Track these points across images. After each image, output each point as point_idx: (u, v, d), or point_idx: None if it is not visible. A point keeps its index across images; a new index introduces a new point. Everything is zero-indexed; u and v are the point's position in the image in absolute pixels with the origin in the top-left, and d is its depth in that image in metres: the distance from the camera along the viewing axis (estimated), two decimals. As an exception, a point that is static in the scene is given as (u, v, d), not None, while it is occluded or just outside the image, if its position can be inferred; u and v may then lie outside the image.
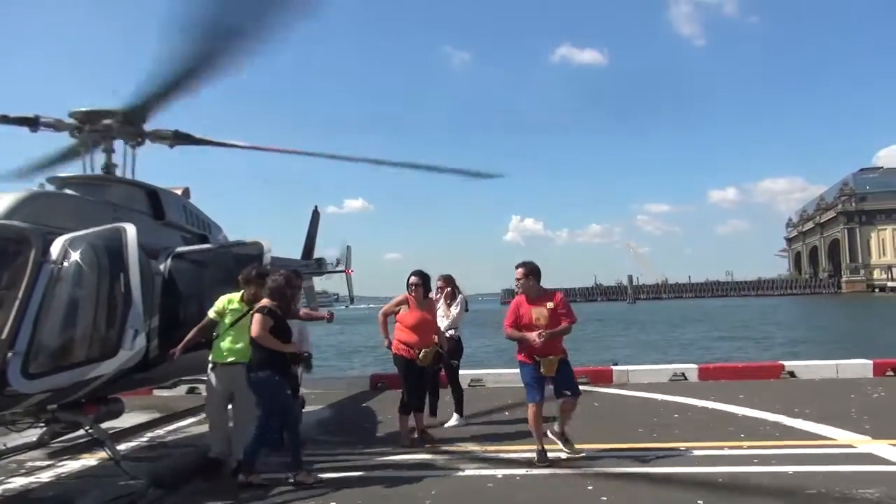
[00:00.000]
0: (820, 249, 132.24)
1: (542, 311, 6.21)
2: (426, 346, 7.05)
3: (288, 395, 5.85)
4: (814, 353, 22.37)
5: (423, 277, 7.28)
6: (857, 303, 79.99)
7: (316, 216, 18.28)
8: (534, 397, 6.22)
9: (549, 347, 6.13)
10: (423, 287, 7.24)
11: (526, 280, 6.34)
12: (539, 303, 6.27)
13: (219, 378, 6.11)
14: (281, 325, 5.79)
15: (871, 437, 6.51)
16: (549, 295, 6.37)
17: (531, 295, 6.34)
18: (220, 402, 6.19)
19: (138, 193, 7.21)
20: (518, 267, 6.41)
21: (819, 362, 11.10)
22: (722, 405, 8.38)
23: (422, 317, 7.14)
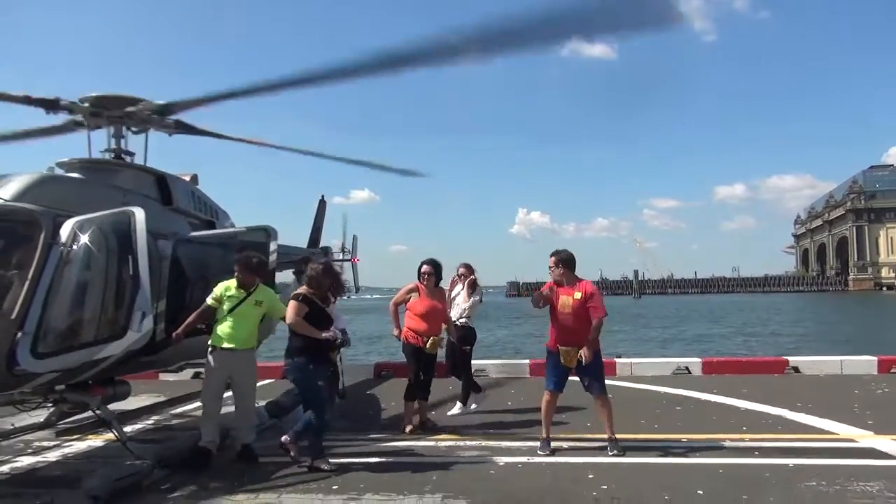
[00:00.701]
0: (828, 247, 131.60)
1: (569, 300, 6.18)
2: (434, 334, 7.19)
3: (318, 383, 5.85)
4: (819, 349, 22.34)
5: (435, 266, 7.36)
6: (864, 300, 79.63)
7: (322, 205, 18.26)
8: (547, 384, 6.34)
9: (573, 338, 6.14)
10: (434, 276, 7.33)
11: (557, 268, 6.30)
12: (569, 291, 6.25)
13: (216, 363, 6.06)
14: (317, 313, 5.84)
15: (874, 433, 6.53)
16: (579, 285, 6.31)
17: (564, 283, 6.31)
18: (216, 388, 6.14)
19: (147, 179, 7.25)
20: (552, 256, 6.39)
21: (823, 358, 11.10)
22: (725, 398, 8.39)
23: (432, 305, 7.24)
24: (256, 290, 6.18)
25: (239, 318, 6.04)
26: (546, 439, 6.21)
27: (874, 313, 55.28)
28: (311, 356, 5.77)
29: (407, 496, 5.00)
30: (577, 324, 6.16)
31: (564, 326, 6.21)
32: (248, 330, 6.11)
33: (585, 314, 6.16)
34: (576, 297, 6.18)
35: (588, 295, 6.19)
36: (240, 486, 5.35)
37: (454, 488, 5.15)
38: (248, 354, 6.14)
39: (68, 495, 5.13)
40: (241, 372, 6.10)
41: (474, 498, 4.94)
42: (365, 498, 5.00)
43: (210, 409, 6.11)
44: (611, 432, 6.13)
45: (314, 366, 5.78)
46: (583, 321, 6.16)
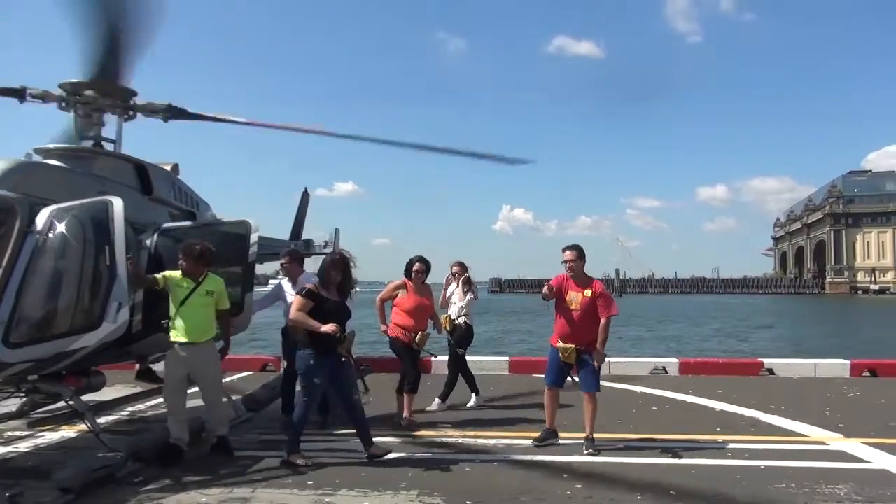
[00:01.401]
0: (806, 250, 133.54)
1: (578, 297, 6.20)
2: (422, 329, 7.30)
3: (315, 380, 5.77)
4: (793, 351, 22.66)
5: (426, 264, 7.41)
6: (839, 304, 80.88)
7: (306, 198, 18.15)
8: (546, 380, 6.49)
9: (575, 336, 6.20)
10: (425, 273, 7.39)
11: (578, 262, 6.32)
12: (578, 288, 6.26)
13: (174, 359, 5.90)
14: (326, 306, 5.76)
15: (844, 436, 6.64)
16: (589, 282, 6.33)
17: (575, 279, 6.32)
18: (176, 385, 5.94)
19: (126, 167, 7.16)
20: (568, 249, 6.37)
21: (798, 361, 11.27)
22: (700, 399, 8.50)
23: (420, 302, 7.31)
24: (206, 279, 5.97)
25: (190, 309, 5.84)
26: (548, 429, 6.40)
27: (849, 317, 56.18)
28: (314, 350, 5.71)
29: (382, 493, 5.00)
30: (582, 321, 6.18)
31: (569, 323, 6.22)
32: (203, 322, 5.90)
33: (592, 312, 6.18)
34: (586, 294, 6.20)
35: (598, 293, 6.22)
36: (214, 479, 5.32)
37: (429, 485, 5.16)
38: (205, 347, 5.94)
39: (39, 487, 5.06)
40: (200, 365, 5.92)
41: (449, 495, 4.95)
42: (339, 494, 4.99)
43: (173, 407, 5.94)
44: (590, 431, 6.18)
45: (316, 360, 5.71)
46: (588, 319, 6.18)
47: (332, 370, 5.80)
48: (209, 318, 6.00)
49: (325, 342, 5.66)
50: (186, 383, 6.01)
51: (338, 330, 5.62)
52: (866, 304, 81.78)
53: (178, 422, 5.93)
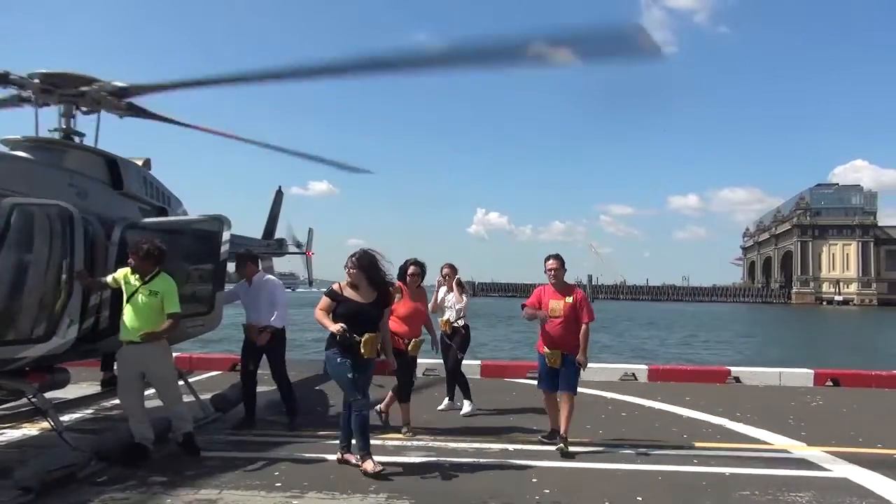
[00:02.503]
0: (773, 260, 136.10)
1: (560, 304, 6.39)
2: (416, 336, 7.07)
3: (349, 375, 5.58)
4: (759, 359, 23.06)
5: (422, 267, 7.20)
6: (804, 314, 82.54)
7: (279, 196, 18.12)
8: (541, 385, 6.66)
9: (560, 342, 6.36)
10: (420, 277, 7.18)
11: (561, 270, 6.51)
12: (560, 296, 6.44)
13: (125, 359, 5.81)
14: (350, 307, 5.63)
15: (806, 444, 6.77)
16: (570, 290, 6.52)
17: (557, 287, 6.50)
18: (130, 385, 5.82)
19: (96, 161, 7.03)
20: (552, 258, 6.54)
21: (763, 369, 11.45)
22: (668, 406, 8.60)
23: (414, 307, 7.05)
24: (154, 279, 5.82)
25: (134, 308, 5.72)
26: (554, 429, 6.56)
27: (813, 327, 57.36)
28: (336, 348, 5.60)
29: (351, 495, 4.98)
30: (565, 328, 6.35)
31: (553, 329, 6.38)
32: (146, 321, 5.73)
33: (574, 318, 6.37)
34: (567, 301, 6.39)
35: (580, 300, 6.44)
36: (180, 480, 5.25)
37: (399, 488, 5.15)
38: (153, 346, 5.77)
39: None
40: (150, 363, 5.80)
41: (418, 498, 4.95)
42: (308, 496, 4.96)
43: (129, 407, 5.83)
44: (565, 429, 6.29)
45: (342, 358, 5.57)
46: (571, 325, 6.37)
47: (354, 371, 5.63)
48: (154, 318, 5.77)
49: (344, 343, 5.50)
50: (140, 382, 5.88)
51: (342, 331, 5.43)
52: (830, 315, 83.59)
53: (139, 422, 5.82)
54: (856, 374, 11.04)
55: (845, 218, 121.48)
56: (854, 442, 6.86)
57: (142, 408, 5.89)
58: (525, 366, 10.99)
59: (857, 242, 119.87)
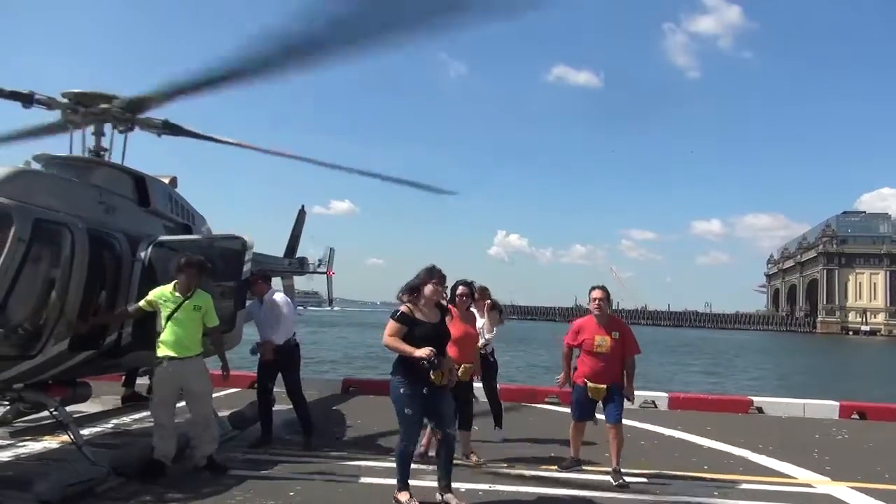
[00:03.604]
0: (798, 288, 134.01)
1: (606, 340, 6.22)
2: (467, 361, 6.58)
3: (406, 410, 5.14)
4: (783, 390, 22.62)
5: (471, 288, 6.81)
6: (830, 343, 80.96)
7: (302, 215, 18.30)
8: (574, 414, 6.48)
9: (605, 377, 6.24)
10: (469, 298, 6.79)
11: (605, 303, 6.34)
12: (605, 330, 6.28)
13: (163, 374, 5.86)
14: (421, 329, 5.18)
15: (831, 479, 6.61)
16: (616, 323, 6.37)
17: (600, 320, 6.34)
18: (166, 400, 5.90)
19: (125, 178, 7.18)
20: (598, 289, 6.39)
21: (787, 400, 11.24)
22: (689, 435, 8.45)
23: (465, 330, 6.60)
24: (194, 294, 5.97)
25: (178, 324, 5.83)
26: (574, 458, 6.57)
27: (839, 357, 56.22)
28: (404, 376, 5.17)
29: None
30: (611, 362, 6.25)
31: (598, 364, 6.26)
32: (191, 336, 5.89)
33: (620, 352, 6.27)
34: (614, 336, 6.25)
35: (626, 334, 6.34)
36: (196, 497, 5.26)
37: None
38: (193, 362, 5.92)
39: (17, 497, 4.99)
40: (188, 380, 5.89)
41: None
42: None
43: (162, 422, 5.87)
44: (617, 462, 6.19)
45: (405, 388, 5.14)
46: (617, 359, 6.28)
47: (429, 399, 5.19)
48: (196, 333, 5.96)
49: (417, 368, 5.06)
50: (175, 398, 5.96)
51: (432, 355, 4.96)
52: (857, 345, 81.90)
53: (166, 437, 5.86)
54: (883, 408, 10.79)
55: (873, 246, 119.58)
56: (880, 478, 6.67)
57: (173, 423, 5.95)
58: (543, 391, 10.90)
59: (885, 272, 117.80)
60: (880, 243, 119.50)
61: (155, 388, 6.07)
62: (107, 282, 6.13)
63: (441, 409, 5.29)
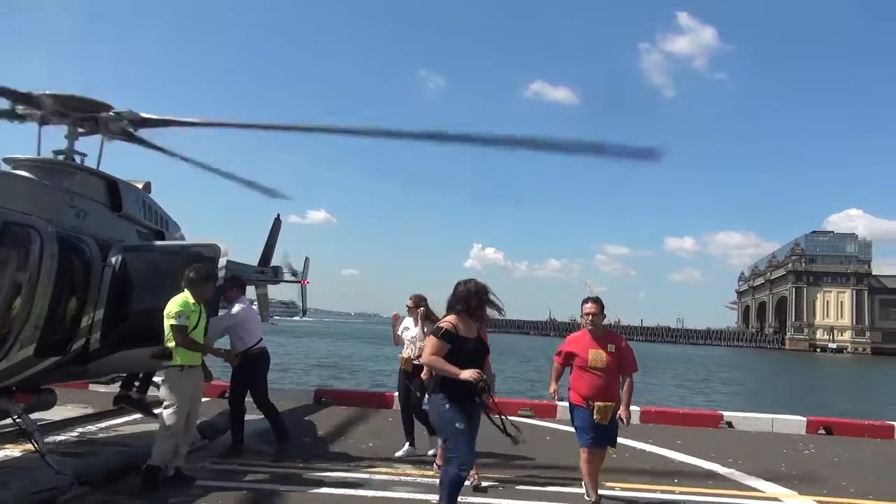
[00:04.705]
0: (768, 305, 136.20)
1: (601, 355, 5.75)
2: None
3: (457, 425, 4.71)
4: (752, 405, 22.90)
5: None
6: (798, 360, 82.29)
7: (277, 224, 18.10)
8: (583, 442, 5.86)
9: (608, 394, 5.73)
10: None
11: (598, 317, 5.86)
12: (600, 344, 5.81)
13: (188, 382, 5.87)
14: (463, 347, 4.82)
15: (798, 493, 6.69)
16: (611, 337, 5.93)
17: (594, 333, 5.88)
18: (185, 407, 5.87)
19: (97, 182, 7.07)
20: (591, 302, 5.91)
21: (756, 415, 11.37)
22: (660, 449, 8.51)
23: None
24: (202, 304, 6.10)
25: (200, 334, 5.99)
26: (596, 501, 5.88)
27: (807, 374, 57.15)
28: (449, 394, 4.77)
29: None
30: (609, 378, 5.78)
31: (597, 380, 5.74)
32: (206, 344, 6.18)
33: (617, 368, 5.82)
34: (609, 349, 5.79)
35: (623, 348, 5.90)
36: (162, 508, 5.17)
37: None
38: (200, 370, 6.11)
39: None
40: (199, 387, 6.14)
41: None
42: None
43: (179, 429, 5.81)
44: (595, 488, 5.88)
45: (451, 404, 4.75)
46: (615, 375, 5.83)
47: (472, 419, 4.85)
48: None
49: (464, 389, 4.70)
50: (188, 405, 5.95)
51: (480, 378, 4.63)
52: (824, 362, 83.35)
53: (178, 446, 5.86)
54: (849, 423, 10.97)
55: (840, 266, 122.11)
56: (846, 493, 6.78)
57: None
58: (516, 403, 10.91)
59: (851, 290, 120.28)
60: (847, 263, 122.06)
61: (174, 395, 5.83)
62: (76, 287, 6.01)
63: (475, 429, 4.91)
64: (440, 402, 4.80)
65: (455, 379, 4.64)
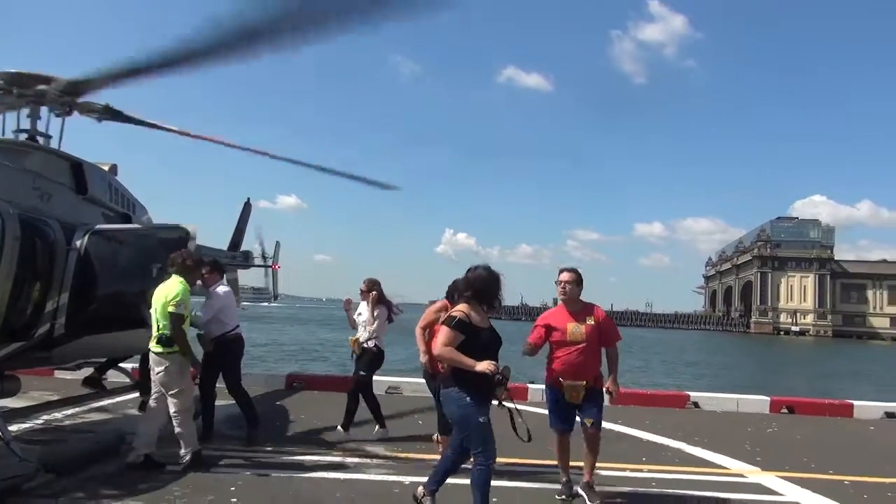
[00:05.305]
0: (734, 290, 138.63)
1: (580, 329, 5.40)
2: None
3: (480, 419, 4.50)
4: (718, 386, 23.39)
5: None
6: (762, 343, 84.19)
7: (247, 208, 17.92)
8: (554, 423, 5.66)
9: (582, 372, 5.41)
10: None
11: (574, 287, 5.51)
12: (578, 317, 5.47)
13: (184, 367, 5.98)
14: (478, 338, 4.62)
15: (761, 469, 6.89)
16: (589, 309, 5.56)
17: (570, 307, 5.56)
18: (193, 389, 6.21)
19: (61, 164, 6.90)
20: (566, 271, 5.55)
21: (722, 395, 11.62)
22: (628, 429, 8.66)
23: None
24: None
25: (189, 323, 6.10)
26: (568, 482, 5.71)
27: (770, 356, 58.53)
28: (468, 387, 4.54)
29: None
30: (587, 355, 5.43)
31: (573, 357, 5.41)
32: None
33: (597, 342, 5.48)
34: (588, 322, 5.45)
35: (603, 319, 5.55)
36: (131, 494, 5.12)
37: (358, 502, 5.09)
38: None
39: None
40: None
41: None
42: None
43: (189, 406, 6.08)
44: (590, 476, 5.56)
45: (470, 398, 4.53)
46: (593, 350, 5.47)
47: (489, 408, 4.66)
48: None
49: (480, 382, 4.50)
50: None
51: (497, 370, 4.44)
52: (787, 345, 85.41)
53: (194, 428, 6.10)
54: (810, 402, 11.28)
55: (804, 251, 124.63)
56: (807, 468, 6.99)
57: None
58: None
59: (814, 275, 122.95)
60: (810, 248, 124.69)
61: (182, 379, 5.98)
62: (39, 271, 5.87)
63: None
64: (457, 397, 4.55)
65: (470, 374, 4.45)
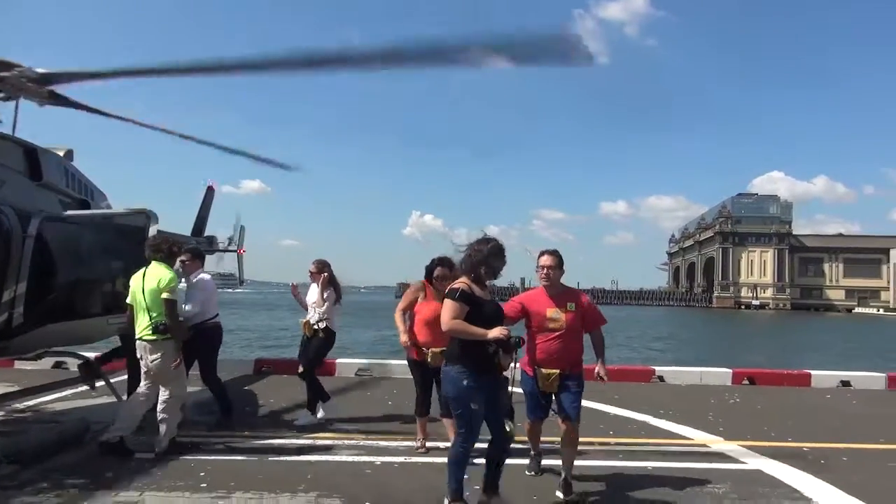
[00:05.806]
0: (697, 265, 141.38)
1: (560, 314, 5.16)
2: (439, 345, 5.67)
3: (472, 406, 4.45)
4: (682, 360, 23.92)
5: (451, 268, 5.90)
6: (724, 317, 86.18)
7: (210, 193, 17.63)
8: (529, 414, 5.55)
9: (558, 359, 5.19)
10: (449, 279, 5.64)
11: (555, 271, 5.26)
12: (558, 302, 5.22)
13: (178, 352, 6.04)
14: (482, 310, 4.51)
15: (724, 438, 7.10)
16: (570, 293, 5.32)
17: (551, 291, 5.30)
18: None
19: (13, 149, 6.67)
20: (547, 254, 5.30)
21: (685, 369, 11.89)
22: (596, 404, 8.81)
23: (439, 312, 5.72)
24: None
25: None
26: (535, 454, 5.80)
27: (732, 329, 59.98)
28: (468, 366, 4.44)
29: (279, 494, 4.91)
30: (566, 342, 5.18)
31: (551, 344, 5.19)
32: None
33: (579, 329, 5.25)
34: (570, 307, 5.20)
35: (587, 304, 5.30)
36: (98, 482, 5.05)
37: (328, 486, 5.11)
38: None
39: None
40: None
41: (348, 496, 4.92)
42: (234, 496, 4.86)
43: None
44: (569, 471, 5.25)
45: (469, 381, 4.43)
46: (573, 337, 5.22)
47: (491, 392, 4.55)
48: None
49: (484, 356, 4.39)
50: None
51: (510, 335, 4.35)
52: (748, 318, 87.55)
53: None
54: (769, 373, 11.63)
55: (763, 226, 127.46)
56: (767, 437, 7.23)
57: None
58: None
59: (773, 250, 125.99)
60: (770, 223, 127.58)
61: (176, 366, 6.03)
62: None
63: (503, 399, 4.71)
64: (457, 376, 4.46)
65: (475, 350, 4.38)
